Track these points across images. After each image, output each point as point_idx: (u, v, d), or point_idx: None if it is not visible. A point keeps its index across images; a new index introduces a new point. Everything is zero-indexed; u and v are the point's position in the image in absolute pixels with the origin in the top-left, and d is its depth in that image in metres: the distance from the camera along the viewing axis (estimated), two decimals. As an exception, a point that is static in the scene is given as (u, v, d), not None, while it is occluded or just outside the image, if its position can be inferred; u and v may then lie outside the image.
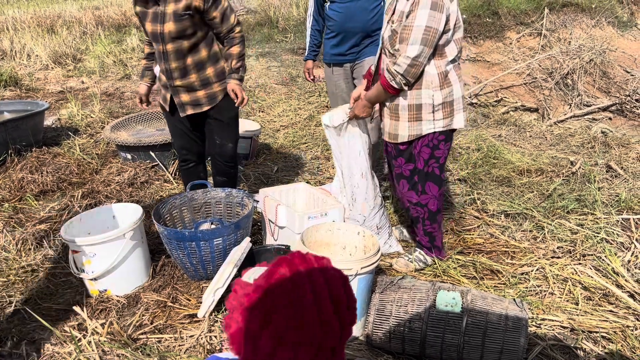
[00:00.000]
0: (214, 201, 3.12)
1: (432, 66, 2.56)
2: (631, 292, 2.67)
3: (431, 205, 2.81)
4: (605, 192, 3.75)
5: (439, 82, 2.57)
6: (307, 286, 0.96)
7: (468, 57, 8.41)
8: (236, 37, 2.91)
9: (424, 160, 2.72)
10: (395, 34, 2.56)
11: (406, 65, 2.47)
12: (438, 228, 2.89)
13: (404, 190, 2.83)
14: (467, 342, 2.19)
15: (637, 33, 10.09)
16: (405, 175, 2.79)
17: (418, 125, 2.64)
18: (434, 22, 2.43)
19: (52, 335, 2.37)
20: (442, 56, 2.57)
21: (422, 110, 2.61)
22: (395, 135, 2.71)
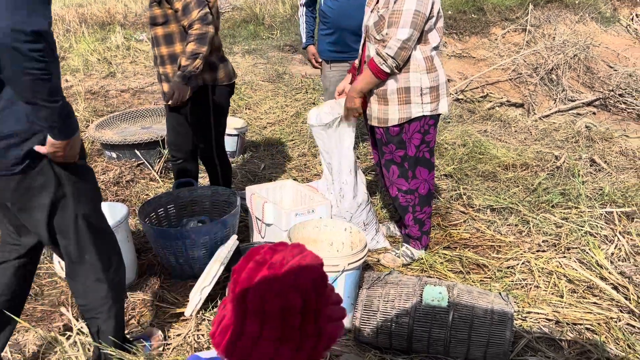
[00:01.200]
0: (200, 199, 3.11)
1: (418, 51, 2.61)
2: (614, 284, 2.70)
3: (421, 189, 2.83)
4: (589, 185, 3.79)
5: (426, 66, 2.62)
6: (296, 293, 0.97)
7: (454, 53, 8.45)
8: (192, 34, 2.69)
9: (415, 147, 2.74)
10: (382, 19, 2.58)
11: (397, 47, 2.50)
12: (429, 214, 2.91)
13: (394, 178, 2.84)
14: (454, 336, 2.20)
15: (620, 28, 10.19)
16: (397, 161, 2.80)
17: (407, 108, 2.67)
18: (422, 6, 2.48)
19: (37, 336, 2.35)
20: (426, 42, 2.62)
21: (410, 93, 2.64)
22: (385, 119, 2.72)
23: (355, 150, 4.50)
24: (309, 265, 1.00)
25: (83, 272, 1.85)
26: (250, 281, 0.96)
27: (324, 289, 1.00)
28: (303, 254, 1.01)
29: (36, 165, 1.63)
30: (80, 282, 1.87)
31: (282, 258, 0.99)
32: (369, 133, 3.02)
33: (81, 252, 1.82)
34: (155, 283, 2.75)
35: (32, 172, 1.63)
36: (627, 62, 8.77)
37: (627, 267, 2.85)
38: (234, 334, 0.96)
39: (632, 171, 4.07)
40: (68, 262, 1.85)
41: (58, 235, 1.78)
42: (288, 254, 1.00)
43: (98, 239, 1.85)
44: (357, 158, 4.37)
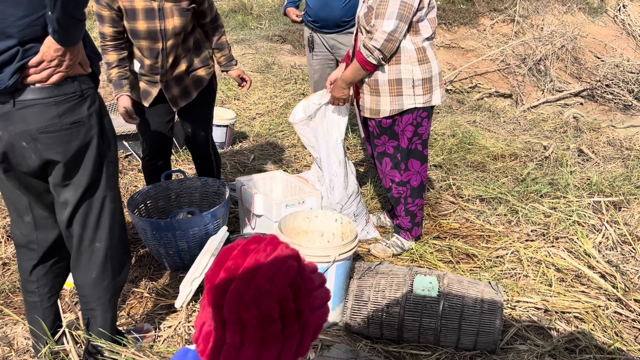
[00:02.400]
0: (190, 190, 3.09)
1: (409, 42, 2.60)
2: (602, 273, 2.73)
3: (413, 181, 2.83)
4: (577, 175, 3.82)
5: (417, 58, 2.62)
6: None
7: (442, 43, 8.44)
8: (221, 25, 2.93)
9: (408, 139, 2.75)
10: (371, 10, 2.57)
11: (383, 39, 2.50)
12: (420, 206, 2.92)
13: (387, 169, 2.84)
14: (444, 325, 2.22)
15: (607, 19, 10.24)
16: (389, 152, 2.80)
17: (399, 99, 2.66)
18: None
19: (25, 329, 2.33)
20: (417, 33, 2.61)
21: (402, 85, 2.64)
22: (377, 110, 2.72)
23: (346, 140, 4.50)
24: (283, 265, 0.97)
25: (90, 261, 1.85)
26: (224, 292, 0.94)
27: (302, 284, 0.98)
28: (277, 252, 0.98)
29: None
30: (83, 273, 1.87)
31: (254, 262, 0.96)
32: (362, 124, 3.01)
33: (94, 239, 1.83)
34: (145, 275, 2.74)
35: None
36: (614, 52, 8.82)
37: (614, 256, 2.88)
38: (216, 344, 0.94)
39: (619, 161, 4.11)
40: (76, 249, 1.84)
41: (79, 216, 1.79)
42: (261, 256, 0.97)
43: (114, 227, 1.86)
44: (347, 149, 4.37)
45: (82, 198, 1.77)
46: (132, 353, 1.84)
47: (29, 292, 2.00)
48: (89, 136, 1.72)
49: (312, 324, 0.99)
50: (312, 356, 2.23)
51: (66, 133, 1.66)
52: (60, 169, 1.71)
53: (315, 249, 2.31)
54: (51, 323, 2.03)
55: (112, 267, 1.88)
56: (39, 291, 1.98)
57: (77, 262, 1.87)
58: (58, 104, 1.64)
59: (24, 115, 1.62)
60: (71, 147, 1.68)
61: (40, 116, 1.63)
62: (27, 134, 1.63)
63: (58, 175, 1.73)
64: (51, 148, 1.66)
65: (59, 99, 1.64)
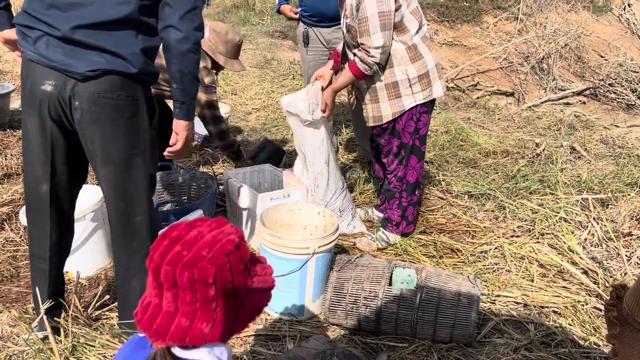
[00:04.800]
0: (178, 183, 3.12)
1: (398, 43, 2.64)
2: (585, 269, 2.74)
3: (409, 176, 2.87)
4: (568, 173, 3.82)
5: (409, 57, 2.65)
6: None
7: (445, 40, 8.43)
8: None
9: (409, 134, 2.78)
10: (352, 28, 2.63)
11: (379, 54, 2.57)
12: (413, 202, 2.94)
13: (392, 166, 2.87)
14: (421, 317, 2.24)
15: (612, 18, 10.18)
16: (394, 151, 2.84)
17: (399, 101, 2.70)
18: (383, 5, 2.51)
19: (10, 317, 2.37)
20: (404, 31, 2.63)
21: (399, 86, 2.68)
22: (379, 117, 2.77)
23: (339, 135, 4.52)
24: (225, 239, 1.00)
25: (130, 233, 1.98)
26: (163, 258, 0.98)
27: (242, 262, 1.01)
28: (220, 229, 1.02)
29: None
30: (124, 243, 1.99)
31: (197, 234, 1.00)
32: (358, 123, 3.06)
33: (134, 212, 1.94)
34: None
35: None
36: (618, 51, 8.76)
37: (598, 253, 2.88)
38: (153, 311, 0.97)
39: (610, 159, 4.10)
40: (117, 221, 1.97)
41: (120, 191, 1.89)
42: (205, 229, 1.01)
43: (151, 200, 1.99)
44: (340, 144, 4.39)
45: (124, 173, 1.88)
46: (107, 339, 1.87)
47: (39, 259, 2.06)
48: (139, 112, 1.84)
49: (249, 304, 1.01)
50: (291, 346, 2.25)
51: (121, 104, 1.78)
52: (105, 139, 1.81)
53: (294, 241, 2.33)
54: (56, 290, 2.12)
55: (150, 238, 2.00)
56: (50, 259, 2.05)
57: (117, 234, 2.00)
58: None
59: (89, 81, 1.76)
60: (121, 117, 1.80)
61: (101, 84, 1.75)
62: (85, 94, 1.74)
63: (101, 147, 1.83)
64: (103, 114, 1.77)
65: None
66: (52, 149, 1.86)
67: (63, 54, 1.71)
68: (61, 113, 1.79)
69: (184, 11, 1.73)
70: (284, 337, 2.28)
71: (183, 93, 1.84)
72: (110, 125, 1.80)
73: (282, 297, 2.40)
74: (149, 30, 1.79)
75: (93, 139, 1.82)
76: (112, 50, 1.73)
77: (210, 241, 0.99)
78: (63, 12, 1.71)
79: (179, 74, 1.80)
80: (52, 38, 1.72)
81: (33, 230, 2.04)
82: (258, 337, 2.29)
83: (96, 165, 1.90)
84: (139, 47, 1.77)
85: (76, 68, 1.71)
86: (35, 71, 1.76)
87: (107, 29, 1.73)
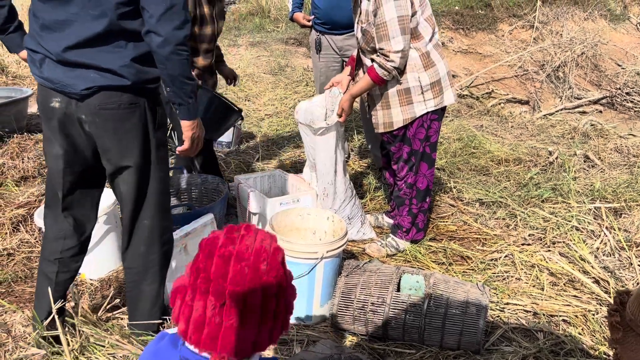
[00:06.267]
0: (190, 187, 3.15)
1: (412, 50, 2.65)
2: (596, 278, 2.71)
3: (420, 183, 2.87)
4: (582, 181, 3.78)
5: (423, 64, 2.66)
6: (232, 245, 1.03)
7: (460, 48, 8.41)
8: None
9: (420, 141, 2.79)
10: (367, 33, 2.62)
11: (399, 59, 2.57)
12: (423, 210, 2.95)
13: (402, 173, 2.88)
14: (428, 324, 2.23)
15: (630, 26, 10.08)
16: (404, 158, 2.85)
17: (410, 108, 2.71)
18: (402, 10, 2.51)
19: (23, 317, 2.41)
20: (418, 38, 2.64)
21: (411, 93, 2.69)
22: (390, 123, 2.77)
23: (350, 142, 4.53)
24: (271, 246, 1.04)
25: (139, 237, 2.01)
26: (224, 278, 0.99)
27: (285, 265, 1.05)
28: (259, 237, 1.04)
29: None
30: (133, 246, 2.02)
31: (245, 247, 1.01)
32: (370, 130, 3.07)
33: (143, 216, 1.97)
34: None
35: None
36: (636, 60, 8.68)
37: (610, 262, 2.85)
38: (212, 329, 0.98)
39: (624, 167, 4.05)
40: (127, 224, 2.00)
41: (130, 194, 1.93)
42: (249, 241, 1.03)
43: (160, 205, 2.01)
44: (352, 150, 4.40)
45: (133, 178, 1.91)
46: (117, 340, 1.90)
47: (47, 262, 2.09)
48: (143, 118, 1.86)
49: (290, 299, 1.05)
50: (298, 351, 2.26)
51: (124, 112, 1.80)
52: (113, 148, 1.84)
53: (303, 245, 2.35)
54: (60, 296, 2.12)
55: (160, 242, 2.03)
56: (59, 267, 2.08)
57: (127, 238, 2.03)
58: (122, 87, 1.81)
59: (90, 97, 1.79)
60: (126, 125, 1.82)
61: (100, 98, 1.78)
62: (88, 108, 1.78)
63: (111, 155, 1.86)
64: (108, 124, 1.80)
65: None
66: (67, 159, 1.90)
67: (62, 74, 1.75)
68: (71, 126, 1.84)
69: (160, 13, 1.66)
70: (291, 342, 2.29)
71: (178, 95, 1.82)
72: (115, 134, 1.82)
73: (290, 302, 2.41)
74: (139, 36, 1.76)
75: (103, 148, 1.86)
76: (103, 67, 1.74)
77: (264, 253, 1.01)
78: (53, 31, 1.73)
79: (168, 78, 1.77)
80: (51, 60, 1.76)
81: (48, 232, 2.08)
82: (266, 340, 2.30)
83: (107, 172, 1.95)
84: (129, 57, 1.77)
85: (73, 88, 1.75)
86: (44, 91, 1.83)
87: (94, 45, 1.73)
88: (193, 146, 2.00)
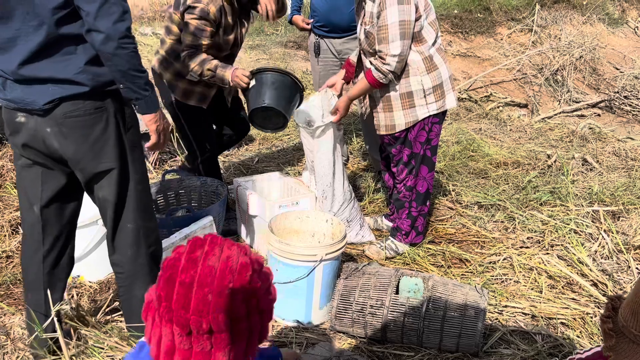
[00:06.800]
0: (189, 190, 3.16)
1: (415, 53, 2.65)
2: (594, 281, 2.72)
3: (420, 186, 2.88)
4: (580, 184, 3.80)
5: (425, 67, 2.67)
6: (193, 269, 0.97)
7: (459, 52, 8.43)
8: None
9: (420, 144, 2.80)
10: (370, 35, 2.64)
11: (395, 62, 2.57)
12: (425, 212, 2.96)
13: (402, 176, 2.89)
14: (427, 326, 2.24)
15: (628, 30, 10.11)
16: (404, 160, 2.85)
17: (412, 111, 2.72)
18: (405, 14, 2.52)
19: (22, 319, 2.41)
20: (421, 42, 2.65)
21: (413, 96, 2.70)
22: (392, 125, 2.78)
23: (349, 145, 4.54)
24: (240, 262, 0.98)
25: (124, 241, 1.97)
26: (186, 308, 0.94)
27: (259, 280, 1.00)
28: (226, 254, 0.99)
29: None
30: (119, 252, 1.99)
31: (208, 270, 0.96)
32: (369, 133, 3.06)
33: (125, 220, 1.94)
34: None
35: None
36: (634, 64, 8.70)
37: (609, 265, 2.86)
38: (183, 355, 0.95)
39: (622, 171, 4.07)
40: (110, 230, 1.96)
41: (108, 199, 1.89)
42: (212, 261, 0.97)
43: (142, 207, 1.97)
44: (350, 153, 4.41)
45: (113, 182, 1.88)
46: (116, 342, 1.90)
47: (29, 274, 2.07)
48: (112, 121, 1.82)
49: (267, 308, 1.02)
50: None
51: (90, 117, 1.77)
52: (86, 155, 1.81)
53: (302, 248, 2.35)
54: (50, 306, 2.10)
55: (146, 245, 1.99)
56: (45, 279, 2.05)
57: (112, 243, 2.00)
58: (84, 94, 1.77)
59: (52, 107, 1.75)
60: (95, 130, 1.79)
61: (63, 108, 1.74)
62: (53, 119, 1.74)
63: (84, 163, 1.83)
64: (76, 131, 1.76)
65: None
66: (41, 174, 1.88)
67: (22, 93, 1.72)
68: (40, 141, 1.80)
69: (96, 9, 1.60)
70: (290, 344, 2.29)
71: (132, 90, 1.75)
72: (86, 141, 1.79)
73: (289, 304, 2.41)
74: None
75: (74, 158, 1.82)
76: (59, 77, 1.71)
77: (227, 273, 0.96)
78: (5, 51, 1.70)
79: (119, 74, 1.71)
80: (10, 81, 1.74)
81: (25, 248, 2.05)
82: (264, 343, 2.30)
83: (83, 182, 1.90)
84: (82, 62, 1.72)
85: (35, 104, 1.72)
86: (8, 113, 1.80)
87: (44, 57, 1.69)
88: (160, 139, 1.94)
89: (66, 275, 2.14)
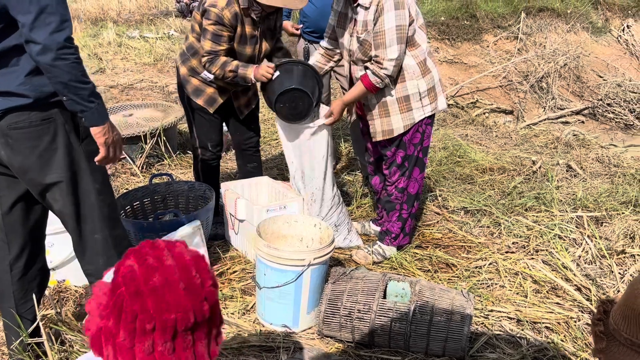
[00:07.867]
0: (177, 194, 3.15)
1: (410, 57, 2.69)
2: (578, 286, 2.76)
3: (411, 187, 2.90)
4: (564, 190, 3.85)
5: (421, 71, 2.71)
6: (157, 273, 0.96)
7: (445, 58, 8.50)
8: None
9: (414, 145, 2.83)
10: (365, 42, 2.65)
11: (392, 67, 2.60)
12: (414, 213, 2.99)
13: (394, 178, 2.90)
14: (414, 330, 2.25)
15: (611, 39, 10.27)
16: (398, 162, 2.87)
17: (410, 115, 2.75)
18: (401, 20, 2.55)
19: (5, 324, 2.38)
20: (414, 46, 2.69)
21: (410, 100, 2.73)
22: (390, 130, 2.79)
23: (337, 150, 4.56)
24: (192, 254, 1.01)
25: (94, 252, 1.93)
26: (168, 307, 0.95)
27: (199, 278, 1.00)
28: (174, 251, 1.00)
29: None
30: (89, 262, 1.95)
31: (172, 269, 0.97)
32: (358, 136, 3.06)
33: (92, 230, 1.90)
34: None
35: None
36: (616, 72, 8.84)
37: (592, 270, 2.90)
38: (125, 356, 0.96)
39: (605, 177, 4.13)
40: (77, 242, 1.93)
41: (69, 211, 1.85)
42: (170, 261, 0.98)
43: (109, 216, 1.93)
44: (339, 158, 4.42)
45: (65, 193, 1.83)
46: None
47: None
48: (61, 131, 1.77)
49: (218, 313, 1.04)
50: (285, 358, 2.27)
51: (36, 129, 1.72)
52: (33, 166, 1.77)
53: (290, 252, 2.36)
54: (29, 316, 2.07)
55: (117, 253, 1.94)
56: (14, 287, 2.00)
57: (81, 254, 1.95)
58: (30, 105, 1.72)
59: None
60: (42, 142, 1.74)
61: (8, 120, 1.70)
62: (1, 131, 1.70)
63: (32, 174, 1.78)
64: (22, 143, 1.72)
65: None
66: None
67: None
68: None
69: (32, 19, 1.54)
70: (277, 349, 2.29)
71: (76, 102, 1.68)
72: (32, 153, 1.74)
73: (277, 308, 2.42)
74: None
75: (22, 169, 1.78)
76: (2, 90, 1.68)
77: (189, 266, 0.98)
78: None
79: (60, 85, 1.64)
80: None
81: None
82: (252, 347, 2.30)
83: (34, 193, 1.86)
84: (24, 74, 1.69)
85: None
86: None
87: None
88: (109, 153, 1.85)
89: (40, 287, 2.08)
